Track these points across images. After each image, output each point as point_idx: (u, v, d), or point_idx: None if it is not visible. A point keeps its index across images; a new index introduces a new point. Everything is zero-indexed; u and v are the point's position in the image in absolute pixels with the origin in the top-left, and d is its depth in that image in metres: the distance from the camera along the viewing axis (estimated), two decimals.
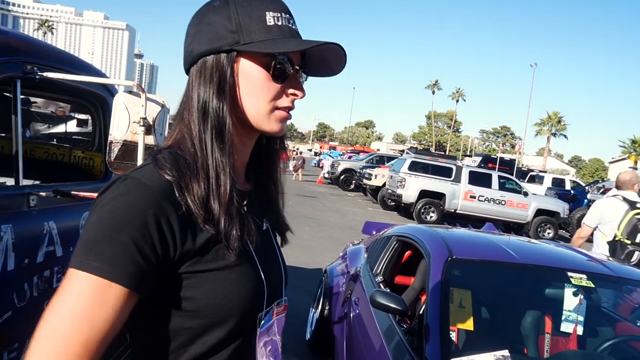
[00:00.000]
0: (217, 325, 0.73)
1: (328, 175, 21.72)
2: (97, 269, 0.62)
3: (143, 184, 0.68)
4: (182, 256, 0.69)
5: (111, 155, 1.78)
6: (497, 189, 12.97)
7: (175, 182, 0.70)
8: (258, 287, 0.78)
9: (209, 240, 0.71)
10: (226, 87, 0.75)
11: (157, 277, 0.68)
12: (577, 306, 2.32)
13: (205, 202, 0.71)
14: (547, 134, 51.02)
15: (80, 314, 0.62)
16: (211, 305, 0.71)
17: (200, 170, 0.73)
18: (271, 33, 0.74)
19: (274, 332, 0.85)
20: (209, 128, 0.74)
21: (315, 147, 48.73)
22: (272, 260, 0.87)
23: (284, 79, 0.76)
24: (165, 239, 0.67)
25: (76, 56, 2.14)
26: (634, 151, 37.28)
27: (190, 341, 0.73)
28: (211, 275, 0.71)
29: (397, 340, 2.10)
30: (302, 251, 7.16)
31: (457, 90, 76.79)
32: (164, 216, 0.67)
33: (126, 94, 1.76)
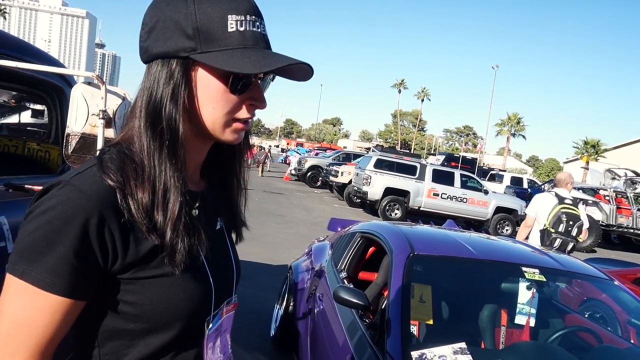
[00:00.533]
0: (161, 329, 0.72)
1: (295, 172, 21.70)
2: (38, 280, 0.62)
3: (82, 192, 0.65)
4: (126, 264, 0.68)
5: (69, 148, 1.72)
6: (460, 187, 13.35)
7: (119, 189, 0.67)
8: (206, 292, 0.76)
9: (153, 249, 0.70)
10: (180, 95, 0.70)
11: (99, 283, 0.68)
12: (530, 299, 2.43)
13: (150, 212, 0.69)
14: (507, 134, 52.79)
15: (25, 322, 0.63)
16: (155, 310, 0.70)
17: (147, 180, 0.69)
18: (231, 42, 0.69)
19: (222, 331, 0.84)
20: (159, 137, 0.70)
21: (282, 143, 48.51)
22: (223, 260, 0.85)
23: (242, 91, 0.72)
24: (106, 248, 0.66)
25: (31, 44, 2.05)
26: (586, 152, 39.16)
27: (133, 342, 0.72)
28: (156, 281, 0.70)
29: (360, 334, 2.14)
30: (268, 247, 7.14)
31: (422, 89, 78.13)
32: (105, 225, 0.65)
33: (85, 85, 1.70)
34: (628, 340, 2.61)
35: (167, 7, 0.70)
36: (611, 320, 3.07)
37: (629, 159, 34.07)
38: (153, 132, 0.70)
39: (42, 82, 2.08)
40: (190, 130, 0.74)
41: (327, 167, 18.33)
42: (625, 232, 13.79)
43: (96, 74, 1.78)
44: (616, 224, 13.61)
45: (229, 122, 0.73)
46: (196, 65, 0.70)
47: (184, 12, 0.69)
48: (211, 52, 0.68)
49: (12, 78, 2.29)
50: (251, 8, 0.71)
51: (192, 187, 0.79)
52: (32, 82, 2.14)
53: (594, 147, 39.54)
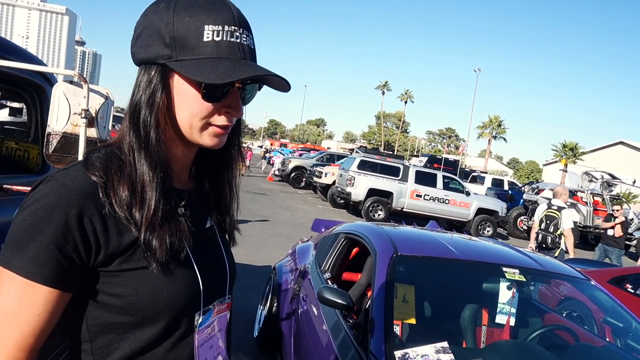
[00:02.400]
0: (149, 322, 0.74)
1: (278, 173, 21.65)
2: (21, 268, 0.65)
3: (65, 185, 0.69)
4: (108, 255, 0.71)
5: (49, 148, 1.69)
6: (442, 189, 13.50)
7: (101, 184, 0.70)
8: (192, 286, 0.78)
9: (136, 240, 0.72)
10: (156, 99, 0.73)
11: (83, 275, 0.70)
12: (511, 299, 2.48)
13: (129, 207, 0.72)
14: (488, 137, 53.59)
15: (10, 311, 0.66)
16: (140, 302, 0.72)
17: (127, 177, 0.73)
18: (205, 52, 0.71)
19: (214, 330, 0.85)
20: (136, 136, 0.74)
21: (266, 143, 48.33)
22: (213, 258, 0.87)
23: (216, 99, 0.74)
24: (87, 239, 0.69)
25: (9, 40, 2.00)
26: (564, 155, 40.00)
27: (123, 336, 0.74)
28: (139, 273, 0.72)
29: (343, 335, 2.15)
30: (252, 248, 7.11)
31: (405, 91, 78.76)
32: (86, 217, 0.68)
33: (66, 83, 1.68)
34: (603, 339, 2.68)
35: (153, 15, 0.74)
36: (588, 319, 3.15)
37: (606, 162, 35.00)
38: (134, 132, 0.74)
39: (21, 79, 2.03)
40: (172, 132, 0.77)
41: (310, 168, 18.34)
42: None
43: (77, 72, 1.75)
44: (593, 225, 13.95)
45: (205, 126, 0.76)
46: (173, 72, 0.73)
47: (165, 20, 0.72)
48: (184, 61, 0.71)
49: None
50: (231, 19, 0.73)
51: (179, 185, 0.82)
52: (10, 79, 2.09)
53: (572, 150, 40.41)
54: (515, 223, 15.27)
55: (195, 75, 0.70)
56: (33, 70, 1.95)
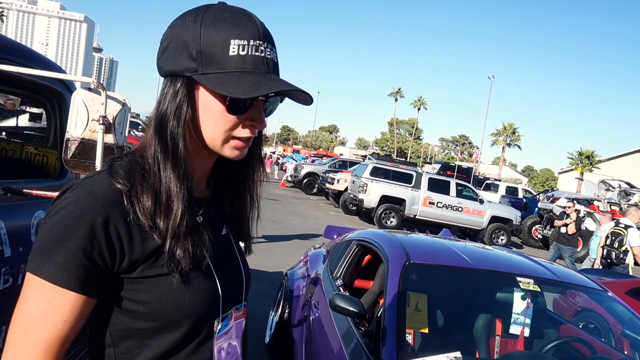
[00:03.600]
0: (171, 328, 0.76)
1: (291, 179, 21.71)
2: (49, 274, 0.67)
3: (91, 193, 0.70)
4: (132, 262, 0.72)
5: (68, 153, 1.72)
6: (455, 196, 13.38)
7: (125, 192, 0.72)
8: (212, 293, 0.80)
9: (159, 248, 0.74)
10: (183, 111, 0.75)
11: (108, 281, 0.72)
12: (525, 309, 2.44)
13: (153, 216, 0.73)
14: (502, 144, 53.05)
15: (38, 316, 0.67)
16: (163, 309, 0.74)
17: (151, 186, 0.74)
18: (230, 65, 0.72)
19: (232, 336, 0.86)
20: (163, 147, 0.75)
21: (279, 150, 48.54)
22: (230, 265, 0.88)
23: (240, 112, 0.75)
24: (113, 246, 0.70)
25: (30, 48, 2.05)
26: (580, 163, 39.38)
27: (145, 341, 0.75)
28: (162, 280, 0.74)
29: (355, 342, 2.14)
30: (264, 254, 7.12)
31: (419, 98, 78.55)
32: (111, 224, 0.70)
33: (85, 90, 1.71)
34: (621, 352, 2.62)
35: (180, 29, 0.75)
36: (605, 331, 3.08)
37: (623, 171, 34.31)
38: (159, 142, 0.76)
39: (41, 86, 2.08)
40: (196, 143, 0.79)
41: (323, 174, 18.34)
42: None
43: (96, 79, 1.79)
44: None
45: (228, 139, 0.77)
46: (198, 84, 0.75)
47: (192, 34, 0.73)
48: (210, 74, 0.72)
49: (10, 82, 2.29)
50: (257, 33, 0.74)
51: (198, 194, 0.84)
52: (31, 86, 2.14)
53: (589, 158, 39.77)
54: (530, 232, 15.05)
55: (221, 89, 0.71)
56: (53, 78, 1.99)
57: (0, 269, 1.63)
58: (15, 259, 1.60)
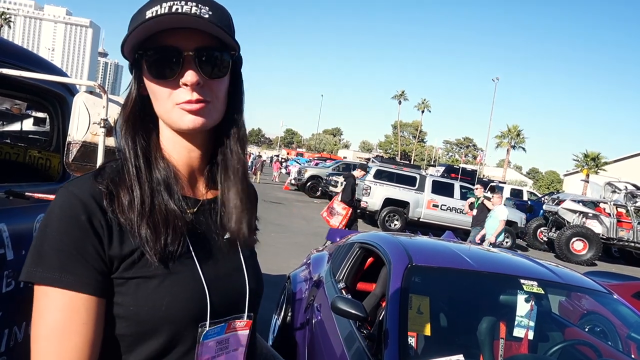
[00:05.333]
0: (152, 334, 0.72)
1: (294, 182, 21.72)
2: (46, 279, 0.67)
3: (73, 194, 0.71)
4: (111, 259, 0.71)
5: (69, 157, 1.73)
6: (459, 199, 13.34)
7: (105, 192, 0.72)
8: (197, 299, 0.75)
9: (137, 249, 0.72)
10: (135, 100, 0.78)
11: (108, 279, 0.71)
12: (529, 312, 2.42)
13: (128, 211, 0.73)
14: (507, 147, 52.81)
15: (56, 326, 0.66)
16: (141, 312, 0.71)
17: (126, 181, 0.75)
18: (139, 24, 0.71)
19: (229, 348, 0.81)
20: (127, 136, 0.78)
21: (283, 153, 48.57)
22: (228, 271, 0.83)
23: (162, 75, 0.73)
24: (101, 240, 0.70)
25: (34, 52, 2.07)
26: (586, 165, 39.13)
27: (126, 350, 0.72)
28: (141, 282, 0.72)
29: (357, 346, 2.13)
30: (267, 257, 7.12)
31: (422, 101, 78.51)
32: (95, 221, 0.70)
33: (87, 94, 1.72)
34: (628, 355, 2.59)
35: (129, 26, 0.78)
36: (611, 334, 3.05)
37: (629, 173, 34.06)
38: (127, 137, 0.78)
39: (44, 90, 2.09)
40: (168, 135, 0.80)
41: (326, 177, 18.35)
42: (625, 245, 13.74)
43: (98, 83, 1.80)
44: (617, 237, 13.56)
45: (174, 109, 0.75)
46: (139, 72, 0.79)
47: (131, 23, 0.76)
48: None
49: (15, 86, 2.31)
50: None
51: (190, 192, 0.82)
52: (35, 90, 2.16)
53: (594, 160, 39.51)
54: (535, 234, 14.96)
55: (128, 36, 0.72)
56: (55, 81, 2.01)
57: (3, 272, 1.63)
58: (17, 262, 1.60)
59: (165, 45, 0.73)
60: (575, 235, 12.94)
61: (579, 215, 13.83)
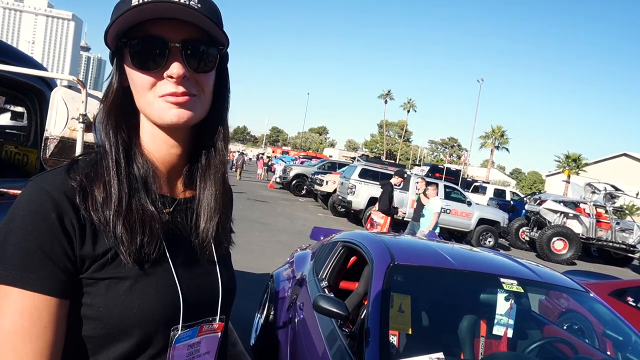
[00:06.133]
0: (121, 336, 0.70)
1: (280, 180, 21.66)
2: (13, 280, 0.63)
3: (43, 189, 0.67)
4: (82, 259, 0.68)
5: (47, 152, 1.69)
6: (443, 198, 13.45)
7: (78, 188, 0.69)
8: (170, 301, 0.73)
9: (110, 249, 0.69)
10: (116, 91, 0.75)
11: (75, 279, 0.67)
12: (509, 310, 2.45)
13: (103, 209, 0.69)
14: (490, 147, 53.52)
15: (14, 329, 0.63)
16: (112, 314, 0.69)
17: (104, 178, 0.72)
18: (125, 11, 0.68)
19: (200, 351, 0.79)
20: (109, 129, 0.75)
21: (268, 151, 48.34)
22: (202, 273, 0.81)
23: (145, 66, 0.71)
24: (70, 239, 0.67)
25: (11, 45, 2.02)
26: (567, 166, 39.90)
27: (94, 352, 0.70)
28: (113, 283, 0.69)
29: (339, 344, 2.13)
30: (251, 256, 7.09)
31: (408, 100, 78.99)
32: (66, 219, 0.67)
33: (65, 88, 1.69)
34: (604, 352, 2.65)
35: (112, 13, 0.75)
36: (589, 332, 3.12)
37: (609, 174, 34.86)
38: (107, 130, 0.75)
39: (22, 84, 2.05)
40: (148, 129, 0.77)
41: (312, 175, 18.33)
42: (604, 245, 14.05)
43: (77, 77, 1.76)
44: (596, 237, 13.86)
45: (156, 101, 0.72)
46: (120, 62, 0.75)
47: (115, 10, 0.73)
48: None
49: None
50: None
51: (167, 191, 0.79)
52: (12, 84, 2.11)
53: (575, 161, 40.32)
54: (517, 234, 15.19)
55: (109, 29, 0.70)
56: (33, 75, 1.96)
57: None
58: None
59: (151, 35, 0.70)
60: (556, 235, 13.18)
61: (560, 216, 14.09)
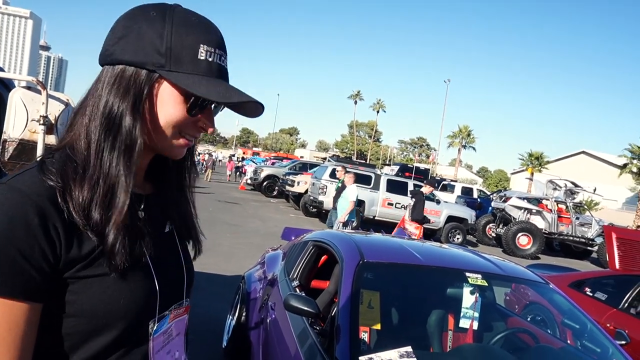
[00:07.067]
0: (103, 331, 0.72)
1: (250, 182, 21.50)
2: None
3: (19, 191, 0.66)
4: (69, 262, 0.68)
5: (5, 155, 1.64)
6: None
7: (59, 189, 0.68)
8: (148, 294, 0.77)
9: (95, 248, 0.71)
10: (141, 105, 0.74)
11: (53, 282, 0.67)
12: (474, 303, 2.54)
13: (87, 210, 0.70)
14: (458, 146, 54.76)
15: None
16: (95, 310, 0.70)
17: (88, 179, 0.71)
18: (199, 69, 0.74)
19: (172, 335, 0.84)
20: (111, 139, 0.73)
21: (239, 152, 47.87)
22: (171, 263, 0.87)
23: (197, 113, 0.78)
24: (53, 244, 0.66)
25: None
26: (530, 164, 41.24)
27: (75, 346, 0.71)
28: (97, 280, 0.71)
29: (310, 342, 2.15)
30: (222, 258, 7.02)
31: (378, 101, 79.87)
32: (49, 222, 0.66)
33: (24, 89, 1.64)
34: (564, 340, 2.78)
35: (144, 21, 0.74)
36: (549, 322, 3.26)
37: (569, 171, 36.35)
38: (105, 133, 0.73)
39: None
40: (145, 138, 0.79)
41: (283, 176, 18.30)
42: (565, 239, 14.64)
43: (37, 78, 1.72)
44: (557, 232, 14.43)
45: (177, 137, 0.78)
46: (161, 80, 0.74)
47: (159, 31, 0.73)
48: (179, 73, 0.73)
49: None
50: (221, 42, 0.78)
51: (137, 189, 0.81)
52: None
53: (538, 159, 41.71)
54: (484, 230, 15.63)
55: (195, 89, 0.73)
56: None
57: None
58: None
59: None
60: (520, 231, 13.64)
61: (524, 212, 14.59)
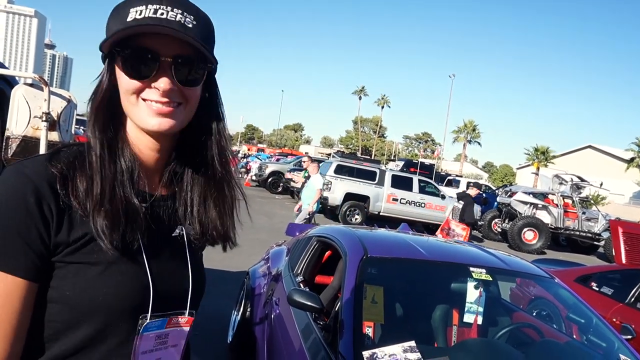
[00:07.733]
0: (85, 321, 0.72)
1: (256, 178, 21.54)
2: None
3: (22, 174, 0.70)
4: (56, 244, 0.70)
5: (8, 152, 1.65)
6: (418, 192, 13.67)
7: (59, 176, 0.71)
8: (140, 289, 0.76)
9: (86, 234, 0.72)
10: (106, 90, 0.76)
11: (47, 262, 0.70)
12: (478, 298, 2.53)
13: (84, 197, 0.72)
14: (463, 141, 54.56)
15: None
16: (78, 297, 0.71)
17: (88, 171, 0.74)
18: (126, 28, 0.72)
19: (167, 343, 0.82)
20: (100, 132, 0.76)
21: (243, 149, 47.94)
22: (173, 265, 0.84)
23: (138, 75, 0.73)
24: (47, 225, 0.69)
25: None
26: (536, 158, 41.04)
27: (54, 337, 0.72)
28: (83, 268, 0.72)
29: (314, 337, 2.15)
30: (228, 254, 6.95)
31: (382, 97, 79.64)
32: (44, 201, 0.69)
33: (26, 86, 1.64)
34: (570, 335, 2.76)
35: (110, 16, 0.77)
36: (555, 316, 3.24)
37: (575, 165, 36.10)
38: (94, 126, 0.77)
39: None
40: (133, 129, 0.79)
41: (288, 172, 18.30)
42: (571, 234, 14.55)
43: (39, 75, 1.72)
44: (563, 226, 14.34)
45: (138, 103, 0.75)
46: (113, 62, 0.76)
47: (109, 18, 0.76)
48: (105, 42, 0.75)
49: None
50: None
51: (148, 189, 0.82)
52: None
53: (544, 153, 41.49)
54: (490, 226, 15.57)
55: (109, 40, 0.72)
56: None
57: None
58: None
59: (144, 47, 0.73)
60: (526, 226, 13.57)
61: (530, 207, 14.51)
